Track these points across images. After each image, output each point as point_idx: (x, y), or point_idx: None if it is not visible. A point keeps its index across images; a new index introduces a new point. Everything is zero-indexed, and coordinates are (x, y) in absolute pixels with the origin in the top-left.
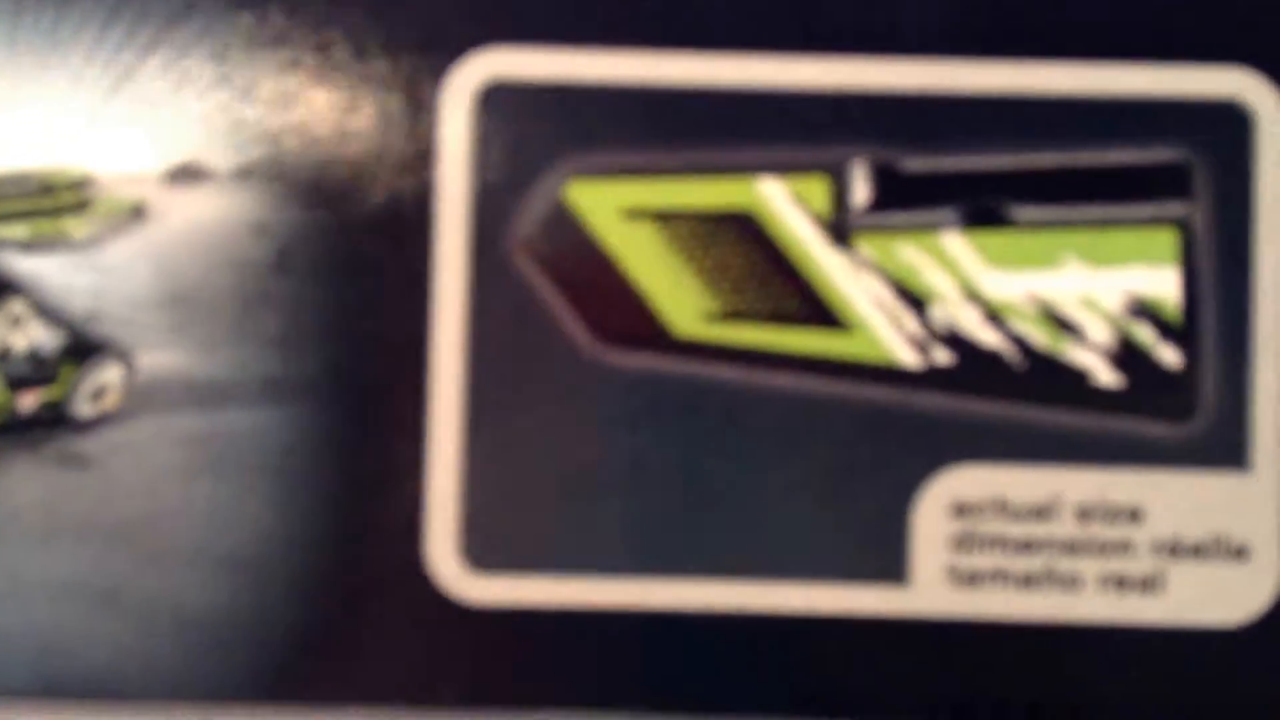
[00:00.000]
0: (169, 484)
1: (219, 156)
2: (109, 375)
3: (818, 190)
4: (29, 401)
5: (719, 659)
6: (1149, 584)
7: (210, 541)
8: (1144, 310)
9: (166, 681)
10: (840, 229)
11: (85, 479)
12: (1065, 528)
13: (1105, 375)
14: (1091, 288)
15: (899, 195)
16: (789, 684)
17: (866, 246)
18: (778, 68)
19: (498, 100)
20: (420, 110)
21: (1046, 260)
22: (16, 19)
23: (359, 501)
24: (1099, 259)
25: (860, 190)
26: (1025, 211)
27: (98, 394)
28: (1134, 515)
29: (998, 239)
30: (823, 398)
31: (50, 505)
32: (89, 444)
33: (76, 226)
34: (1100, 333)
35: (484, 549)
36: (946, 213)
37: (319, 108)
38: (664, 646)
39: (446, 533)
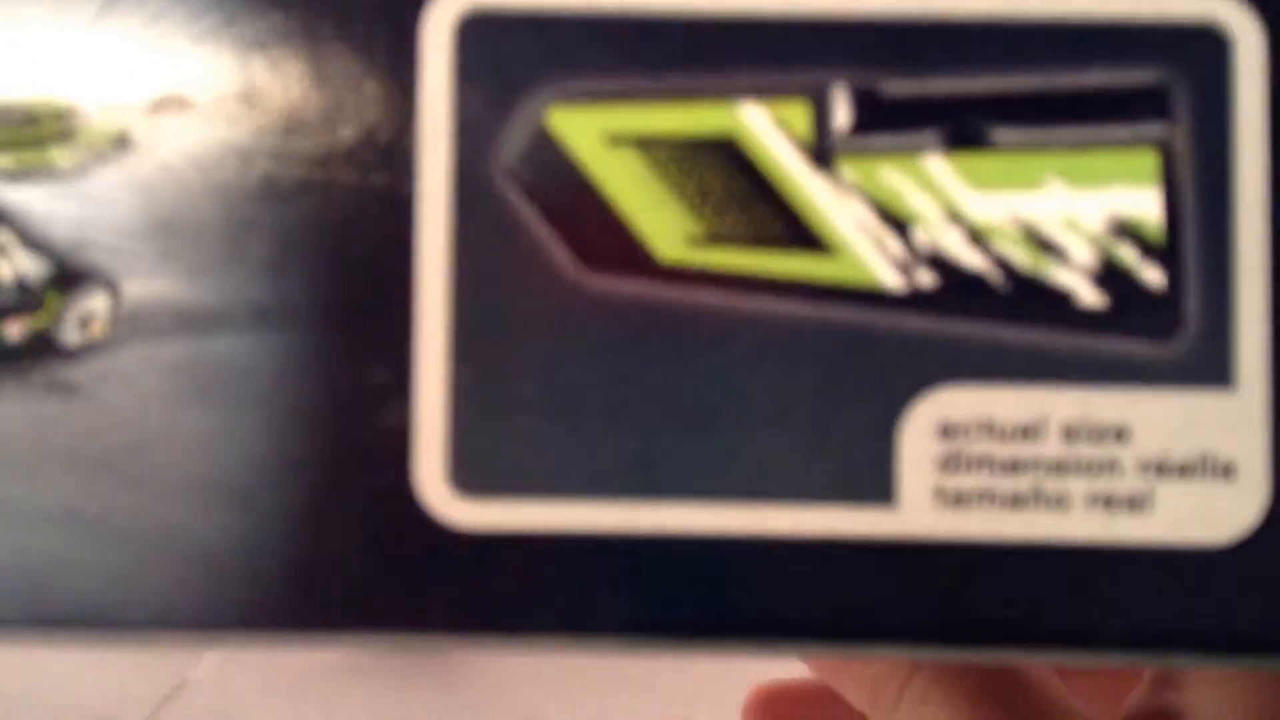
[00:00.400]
0: (157, 411)
1: (202, 87)
2: (96, 303)
3: (799, 114)
4: (15, 330)
5: (706, 582)
6: (1136, 503)
7: (199, 468)
8: (1126, 230)
9: (156, 608)
10: (822, 153)
11: (73, 406)
12: (1052, 447)
13: (1089, 295)
14: (1073, 208)
15: (880, 119)
16: (776, 607)
17: (848, 170)
18: None
19: (477, 30)
20: (401, 40)
21: (1028, 182)
22: None
23: (346, 427)
24: (1080, 180)
25: (841, 114)
26: (1006, 134)
27: (85, 322)
28: (1120, 434)
29: (979, 161)
30: (807, 320)
31: (38, 433)
32: (77, 372)
33: (61, 156)
34: (1083, 253)
35: (471, 473)
36: (928, 135)
37: (303, 41)
38: (651, 570)
39: (434, 457)
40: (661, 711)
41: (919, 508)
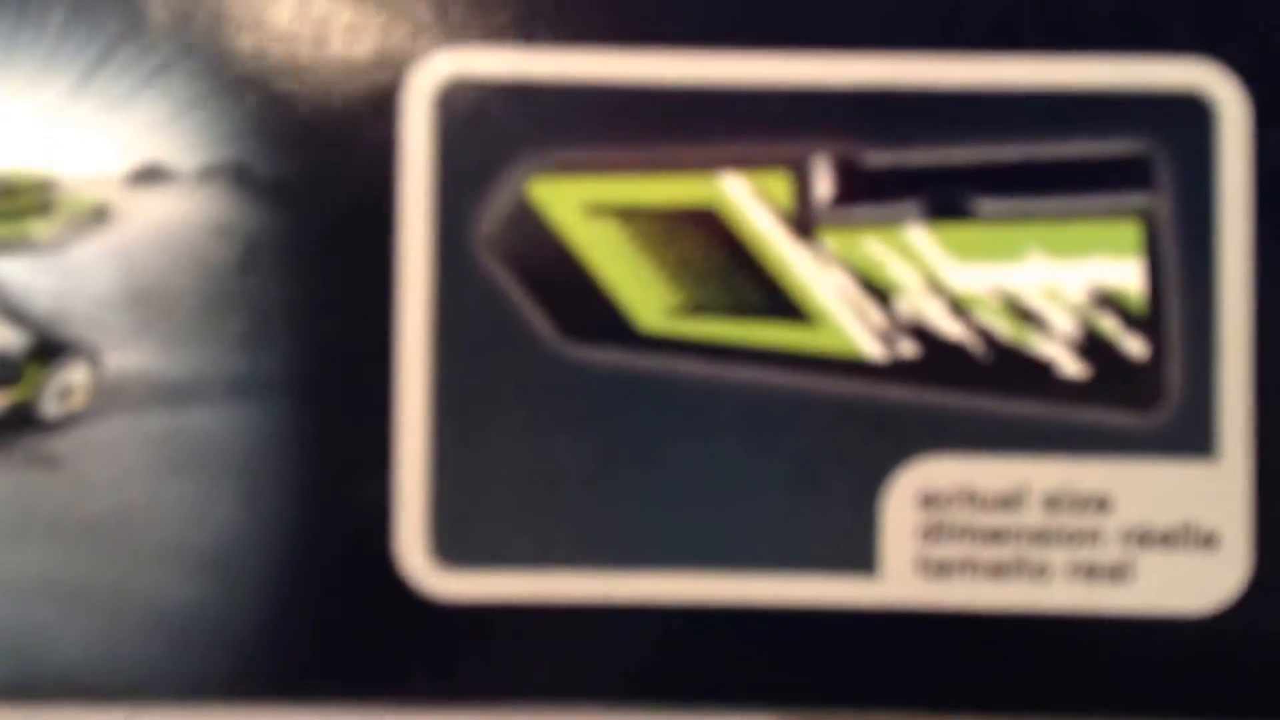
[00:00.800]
0: (138, 482)
1: (181, 157)
2: (76, 375)
3: (780, 185)
4: None
5: (688, 651)
6: (1118, 572)
7: (179, 539)
8: (1108, 301)
9: (137, 678)
10: (803, 223)
11: (55, 478)
12: (1033, 517)
13: (1071, 366)
14: (1055, 279)
15: (861, 189)
16: (759, 676)
17: (830, 240)
18: (737, 63)
19: (458, 99)
20: (382, 109)
21: (1010, 252)
22: None
23: (327, 498)
24: (1062, 251)
25: (822, 184)
26: (988, 204)
27: (65, 394)
28: (1102, 504)
29: (961, 232)
30: (789, 390)
31: (21, 504)
32: (58, 443)
33: (40, 228)
34: (1065, 324)
35: (452, 544)
36: (909, 206)
37: (281, 107)
38: (633, 639)
39: (415, 528)
40: None
41: (901, 577)
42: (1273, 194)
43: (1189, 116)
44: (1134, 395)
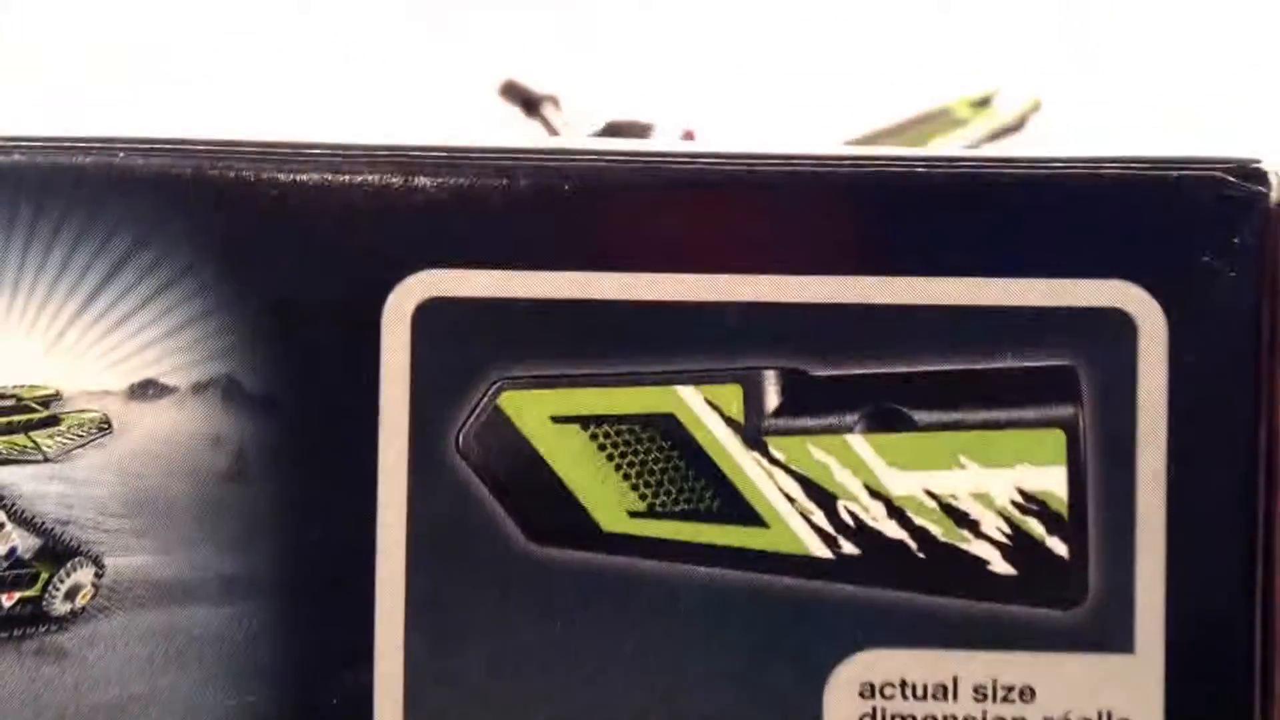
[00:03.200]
0: (137, 674)
1: (177, 374)
2: (81, 576)
3: (732, 397)
4: (9, 601)
5: None
6: None
7: None
8: (1035, 505)
9: None
10: (754, 432)
11: (63, 669)
12: (964, 707)
13: (999, 565)
14: (985, 485)
15: (808, 401)
16: None
17: (778, 448)
18: (692, 285)
19: (435, 316)
20: (364, 327)
21: (943, 461)
22: None
23: (312, 687)
24: (991, 459)
25: (771, 397)
26: (923, 415)
27: (71, 593)
28: (1025, 694)
29: (899, 441)
30: (741, 586)
31: (33, 693)
32: (65, 638)
33: (47, 440)
34: (994, 526)
35: None
36: (852, 417)
37: (268, 326)
38: None
39: (393, 717)
40: None
41: None
42: (1186, 405)
43: (1110, 333)
44: (1057, 593)
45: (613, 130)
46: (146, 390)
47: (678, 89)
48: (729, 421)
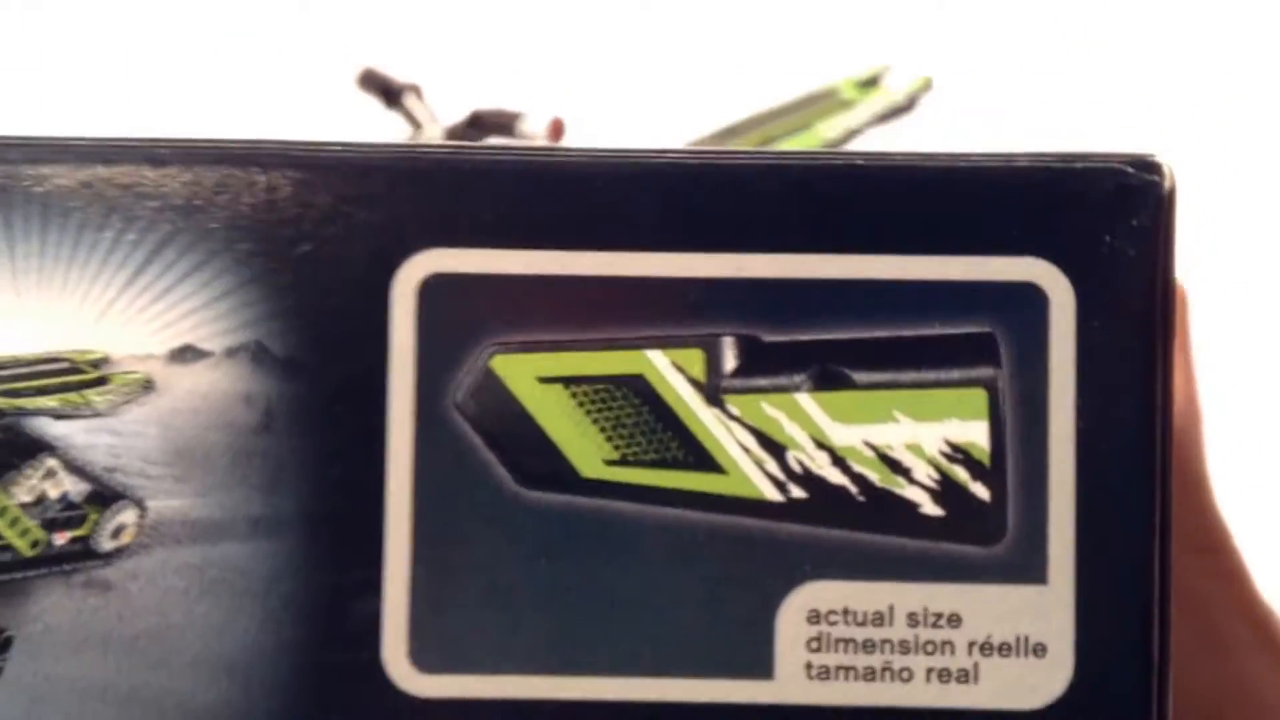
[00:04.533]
0: (175, 604)
1: (212, 340)
2: (126, 517)
3: (695, 359)
4: (61, 539)
5: None
6: (966, 676)
7: (208, 650)
8: (960, 454)
9: None
10: (713, 391)
11: (107, 600)
12: (899, 631)
13: (930, 507)
14: (917, 437)
15: (761, 363)
16: None
17: (735, 405)
18: (661, 262)
19: (436, 290)
20: (375, 299)
21: (880, 415)
22: (44, 236)
23: (327, 616)
24: (922, 414)
25: (729, 359)
26: (862, 375)
27: (117, 532)
28: (953, 620)
29: (841, 398)
30: (703, 526)
31: (79, 622)
32: (110, 572)
33: (97, 398)
34: (925, 473)
35: (428, 653)
36: (799, 377)
37: (294, 301)
38: None
39: (398, 640)
40: None
41: (793, 680)
42: (1092, 367)
43: (1025, 304)
44: (980, 532)
45: (478, 120)
46: (185, 354)
47: (543, 76)
48: (692, 381)
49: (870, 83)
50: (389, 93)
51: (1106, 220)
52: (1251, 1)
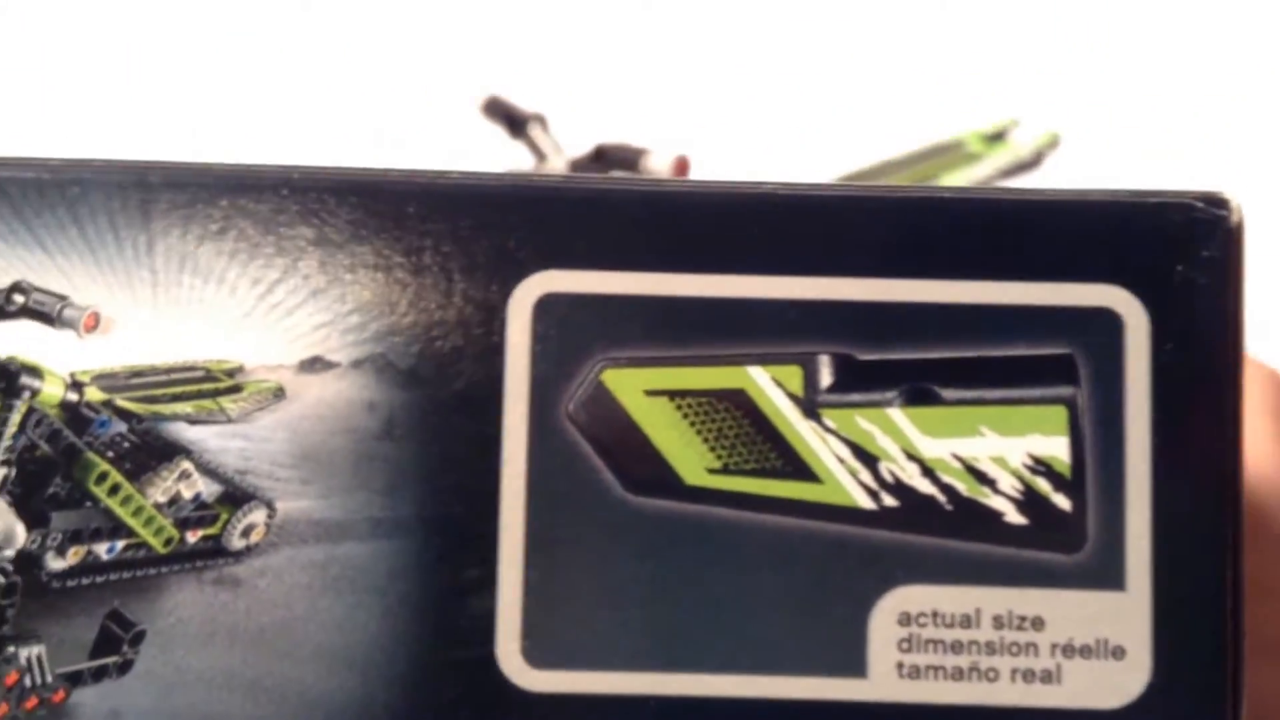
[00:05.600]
0: (300, 599)
1: (340, 352)
2: (256, 517)
3: (793, 375)
4: (194, 537)
5: None
6: (1049, 676)
7: (330, 644)
8: (1042, 467)
9: None
10: (810, 405)
11: (236, 595)
12: (985, 633)
13: (1014, 516)
14: (1002, 450)
15: (855, 380)
16: None
17: (831, 418)
18: (762, 284)
19: (550, 308)
20: (493, 317)
21: (967, 430)
22: (184, 259)
23: (444, 614)
24: (1007, 429)
25: (825, 376)
26: (951, 393)
27: (247, 531)
28: (1036, 623)
29: (930, 413)
30: (799, 532)
31: (209, 616)
32: (239, 569)
33: (231, 404)
34: (1009, 484)
35: (540, 650)
36: (891, 393)
37: (416, 317)
38: None
39: (512, 637)
40: None
41: (885, 679)
42: (1165, 388)
43: (1103, 327)
44: (1062, 540)
45: (602, 154)
46: (314, 364)
47: (670, 112)
48: (790, 396)
49: (997, 136)
50: (514, 122)
51: (1179, 251)
52: None
